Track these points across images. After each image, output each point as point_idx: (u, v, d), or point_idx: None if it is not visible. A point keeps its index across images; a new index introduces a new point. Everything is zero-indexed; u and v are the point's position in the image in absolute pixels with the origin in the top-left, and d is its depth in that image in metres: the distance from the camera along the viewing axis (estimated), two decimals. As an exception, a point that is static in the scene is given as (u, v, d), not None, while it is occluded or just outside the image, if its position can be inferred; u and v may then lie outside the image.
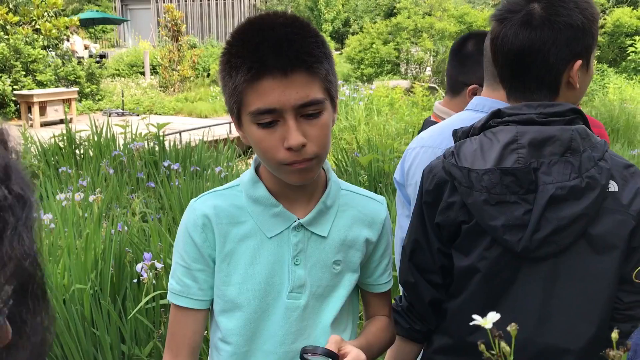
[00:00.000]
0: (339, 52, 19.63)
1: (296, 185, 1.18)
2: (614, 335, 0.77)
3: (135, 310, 2.76)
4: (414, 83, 14.44)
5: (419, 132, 2.28)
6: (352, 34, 20.97)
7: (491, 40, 1.37)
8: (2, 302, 0.50)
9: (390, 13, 20.46)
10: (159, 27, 19.04)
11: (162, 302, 2.93)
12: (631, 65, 16.02)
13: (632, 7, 17.61)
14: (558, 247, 1.28)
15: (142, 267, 2.79)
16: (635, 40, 16.04)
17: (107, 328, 2.75)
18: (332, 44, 19.87)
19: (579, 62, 1.31)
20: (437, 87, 13.95)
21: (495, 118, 1.34)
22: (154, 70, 18.40)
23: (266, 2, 22.57)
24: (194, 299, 1.23)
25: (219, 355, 1.26)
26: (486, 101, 1.69)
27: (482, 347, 0.59)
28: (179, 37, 16.92)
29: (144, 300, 2.79)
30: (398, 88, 13.09)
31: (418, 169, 1.74)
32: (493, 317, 0.60)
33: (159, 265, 2.82)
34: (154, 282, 2.87)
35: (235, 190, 1.25)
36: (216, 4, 23.96)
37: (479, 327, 1.32)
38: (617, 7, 17.87)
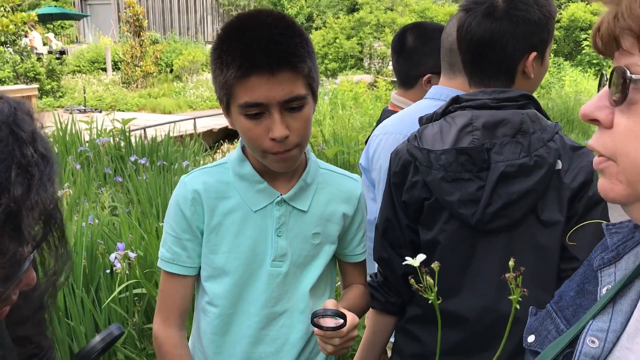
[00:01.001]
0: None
1: (278, 171, 1.30)
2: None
3: (109, 300, 2.81)
4: (378, 77, 14.63)
5: (378, 121, 2.40)
6: (316, 29, 21.06)
7: (457, 28, 1.49)
8: (32, 238, 0.60)
9: (352, 8, 20.61)
10: (120, 22, 18.80)
11: (135, 291, 2.99)
12: (586, 59, 16.53)
13: (586, 2, 18.13)
14: (509, 221, 1.40)
15: (116, 257, 2.84)
16: (589, 35, 16.52)
17: (81, 318, 2.79)
18: (295, 39, 19.92)
19: (534, 54, 1.44)
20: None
21: (454, 104, 1.46)
22: (115, 67, 18.17)
23: (228, -3, 22.48)
24: (183, 265, 1.35)
25: (205, 317, 1.37)
26: (443, 90, 1.81)
27: (412, 281, 0.70)
28: (141, 33, 16.75)
29: (117, 290, 2.84)
30: (362, 82, 13.26)
31: (382, 154, 1.86)
32: (420, 257, 0.70)
33: (132, 255, 2.87)
34: (127, 272, 2.93)
35: (223, 167, 1.36)
36: (178, 0, 23.75)
37: (444, 297, 1.45)
38: (572, 2, 18.37)
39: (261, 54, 1.16)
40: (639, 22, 0.61)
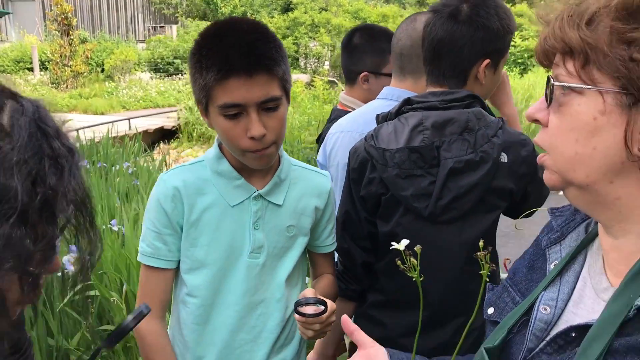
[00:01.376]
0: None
1: (255, 168, 1.39)
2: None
3: (62, 303, 2.80)
4: (314, 77, 14.79)
5: (328, 120, 2.54)
6: (250, 28, 20.98)
7: (424, 27, 1.61)
8: (67, 219, 0.68)
9: (287, 8, 20.69)
10: (45, 20, 18.15)
11: (88, 293, 2.99)
12: (511, 58, 17.28)
13: (511, 4, 18.92)
14: (459, 212, 1.54)
15: (69, 260, 2.83)
16: (514, 35, 17.28)
17: (33, 322, 2.77)
18: (230, 39, 19.82)
19: (487, 61, 1.57)
20: (336, 81, 14.37)
21: (407, 105, 1.59)
22: (43, 66, 17.54)
23: (160, -5, 22.10)
24: (164, 259, 1.42)
25: (185, 308, 1.45)
26: (395, 90, 1.95)
27: (398, 262, 0.81)
28: (70, 31, 16.24)
29: (71, 293, 2.83)
30: (299, 82, 13.38)
31: (339, 152, 1.98)
32: (404, 242, 0.82)
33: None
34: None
35: (200, 165, 1.44)
36: (107, -3, 23.14)
37: (404, 284, 1.58)
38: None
39: (239, 58, 1.25)
40: (561, 41, 0.75)
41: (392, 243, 0.84)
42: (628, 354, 0.70)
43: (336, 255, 1.72)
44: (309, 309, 1.30)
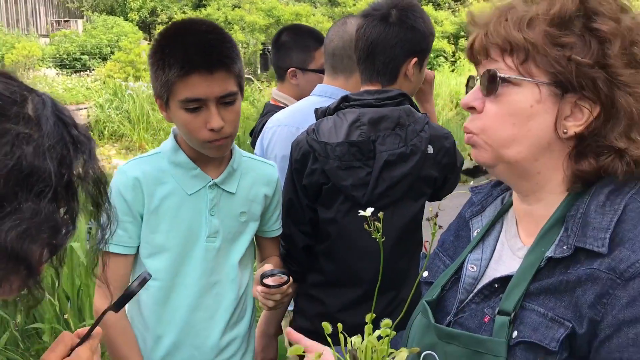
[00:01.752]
0: (148, 42, 19.17)
1: (214, 157, 1.51)
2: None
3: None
4: (229, 74, 14.73)
5: (261, 114, 2.70)
6: (160, 24, 20.59)
7: (356, 30, 1.78)
8: (90, 196, 0.81)
9: (198, 4, 20.42)
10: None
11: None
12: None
13: (435, 8, 19.66)
14: (392, 200, 1.72)
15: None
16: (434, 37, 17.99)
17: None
18: (139, 34, 19.34)
19: (415, 59, 1.77)
20: (252, 78, 14.42)
21: (345, 102, 1.75)
22: None
23: (62, -12, 21.18)
24: (125, 245, 1.51)
25: (146, 290, 1.53)
26: (328, 88, 2.12)
27: (365, 226, 0.95)
28: (-34, 24, 15.27)
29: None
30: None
31: (277, 144, 2.12)
32: (370, 209, 0.97)
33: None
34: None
35: (158, 156, 1.55)
36: (5, -12, 21.87)
37: (342, 265, 1.73)
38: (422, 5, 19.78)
39: (201, 56, 1.38)
40: (501, 38, 0.91)
41: (359, 211, 0.98)
42: (541, 294, 0.89)
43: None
44: (272, 281, 1.44)
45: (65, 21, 20.67)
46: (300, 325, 1.83)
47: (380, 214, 0.95)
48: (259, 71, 17.67)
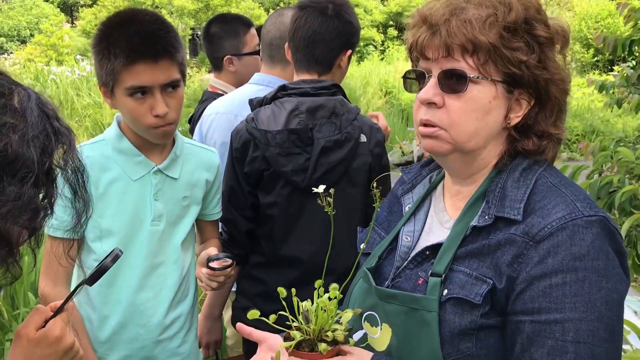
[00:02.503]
0: (70, 25, 18.48)
1: (158, 143, 1.57)
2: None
3: None
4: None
5: (200, 101, 2.75)
6: (84, 6, 19.88)
7: (292, 22, 1.86)
8: (71, 183, 0.88)
9: (124, -14, 19.83)
10: None
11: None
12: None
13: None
14: (329, 184, 1.81)
15: None
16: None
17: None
18: (61, 17, 18.61)
19: (350, 51, 1.88)
20: (181, 64, 14.20)
21: (282, 91, 1.83)
22: None
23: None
24: (69, 230, 1.51)
25: None
26: (265, 77, 2.19)
27: (319, 201, 1.05)
28: None
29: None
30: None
31: (216, 131, 2.18)
32: (322, 187, 1.05)
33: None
34: None
35: (101, 144, 1.60)
36: None
37: (281, 247, 1.81)
38: None
39: (145, 46, 1.45)
40: (464, 38, 1.01)
41: (312, 188, 1.07)
42: (467, 258, 1.03)
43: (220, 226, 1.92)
44: (217, 264, 1.51)
45: (-21, 1, 19.56)
46: (242, 305, 1.90)
47: (332, 190, 1.06)
48: (188, 57, 17.39)
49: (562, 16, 20.02)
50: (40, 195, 0.86)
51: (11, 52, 15.91)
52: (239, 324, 1.19)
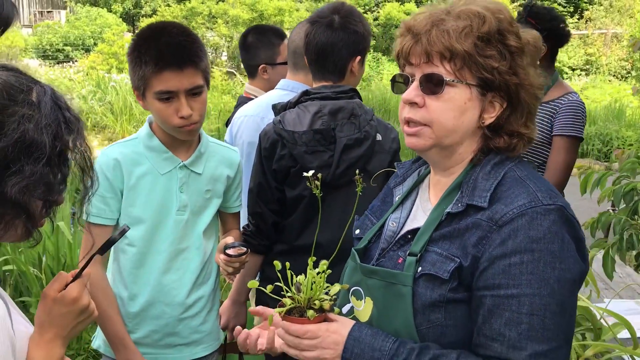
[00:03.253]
0: (131, 34, 19.22)
1: (185, 139, 1.77)
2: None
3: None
4: (212, 67, 14.92)
5: (235, 107, 2.97)
6: (144, 16, 20.66)
7: (305, 36, 2.03)
8: (79, 163, 1.04)
9: (182, -3, 20.55)
10: None
11: (5, 268, 3.16)
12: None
13: (399, 3, 19.97)
14: (351, 178, 1.98)
15: None
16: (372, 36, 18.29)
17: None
18: (123, 26, 19.40)
19: (359, 57, 2.03)
20: (235, 72, 14.60)
21: (305, 96, 2.00)
22: None
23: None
24: (106, 217, 1.76)
25: (125, 255, 1.80)
26: (289, 82, 2.37)
27: (308, 183, 1.20)
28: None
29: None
30: (196, 72, 13.38)
31: (244, 132, 2.38)
32: (310, 172, 1.20)
33: None
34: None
35: (134, 142, 1.81)
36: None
37: (306, 236, 1.97)
38: (388, 2, 20.11)
39: (172, 55, 1.64)
40: (442, 47, 1.14)
41: (304, 173, 1.23)
42: (440, 240, 1.16)
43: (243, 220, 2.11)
44: (233, 251, 1.69)
45: (48, 12, 20.64)
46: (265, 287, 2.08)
47: (319, 175, 1.22)
48: (242, 65, 17.84)
49: (623, 23, 19.46)
50: (55, 173, 1.02)
51: (76, 61, 16.73)
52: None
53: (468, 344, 1.13)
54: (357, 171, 1.40)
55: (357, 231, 1.38)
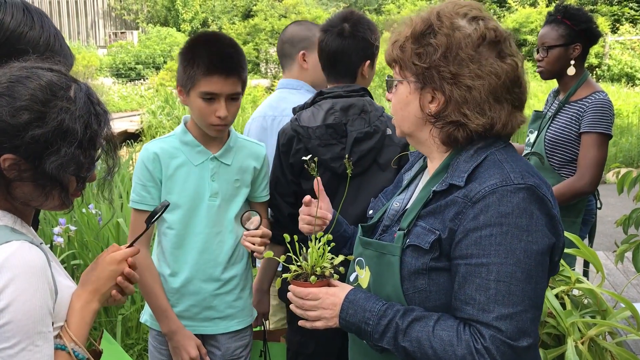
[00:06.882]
0: (199, 52, 19.95)
1: (214, 136, 2.04)
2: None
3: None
4: (274, 82, 15.38)
5: None
6: (211, 34, 21.36)
7: (319, 44, 2.26)
8: (102, 148, 1.30)
9: (247, 14, 21.22)
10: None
11: (74, 262, 3.52)
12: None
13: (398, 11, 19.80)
14: (362, 169, 2.17)
15: (58, 231, 3.36)
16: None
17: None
18: (191, 44, 20.15)
19: (368, 62, 2.23)
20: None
21: (319, 96, 2.22)
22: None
23: (121, 1, 22.36)
24: (148, 204, 2.03)
25: (165, 238, 2.06)
26: (286, 81, 2.69)
27: (305, 165, 1.44)
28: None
29: (59, 259, 3.36)
30: (259, 86, 13.92)
31: (252, 133, 2.65)
32: (309, 155, 1.45)
33: (73, 228, 3.41)
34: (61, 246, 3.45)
35: (171, 138, 2.09)
36: (67, 3, 23.21)
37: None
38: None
39: (222, 63, 1.91)
40: (392, 57, 1.38)
41: (303, 157, 1.47)
42: (426, 216, 1.34)
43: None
44: (250, 224, 1.93)
45: (121, 33, 21.77)
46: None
47: (316, 159, 1.48)
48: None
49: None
50: (85, 155, 1.26)
51: (147, 78, 17.58)
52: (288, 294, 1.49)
53: (450, 308, 1.30)
54: (346, 155, 1.62)
55: (370, 211, 1.59)
